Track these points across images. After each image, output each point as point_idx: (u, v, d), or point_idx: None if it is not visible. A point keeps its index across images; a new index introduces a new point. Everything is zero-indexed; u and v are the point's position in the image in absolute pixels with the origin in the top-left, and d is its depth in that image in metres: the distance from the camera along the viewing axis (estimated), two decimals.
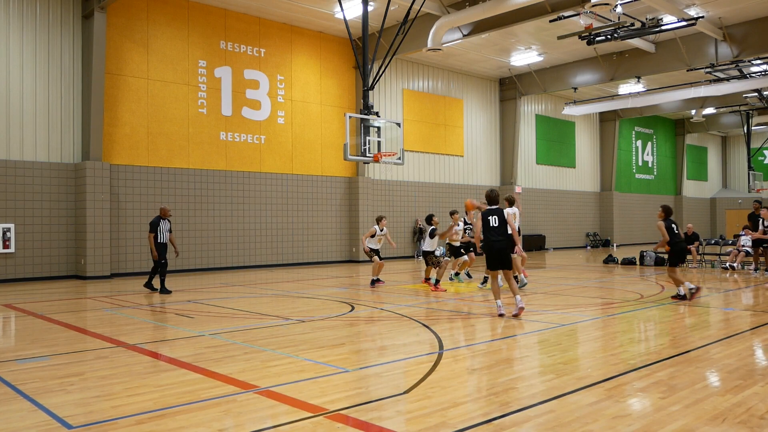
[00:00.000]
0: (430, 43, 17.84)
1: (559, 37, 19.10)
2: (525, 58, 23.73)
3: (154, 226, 12.41)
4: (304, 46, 20.57)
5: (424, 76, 24.53)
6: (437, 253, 13.39)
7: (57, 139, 15.90)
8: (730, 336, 7.49)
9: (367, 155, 14.10)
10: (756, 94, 26.69)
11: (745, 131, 33.51)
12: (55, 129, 15.87)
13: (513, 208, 12.43)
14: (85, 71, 16.11)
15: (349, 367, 6.03)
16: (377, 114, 14.41)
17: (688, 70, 22.20)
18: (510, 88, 27.26)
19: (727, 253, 18.12)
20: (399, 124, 15.16)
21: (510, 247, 12.69)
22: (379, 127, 14.46)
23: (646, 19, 18.00)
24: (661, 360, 6.16)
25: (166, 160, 17.53)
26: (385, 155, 14.06)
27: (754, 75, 23.02)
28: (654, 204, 37.02)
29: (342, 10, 15.51)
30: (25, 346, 7.30)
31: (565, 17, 17.51)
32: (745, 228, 17.06)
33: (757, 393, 4.95)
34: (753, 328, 8.08)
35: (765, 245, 15.92)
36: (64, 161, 16.00)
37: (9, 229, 15.01)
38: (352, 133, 14.16)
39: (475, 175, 26.53)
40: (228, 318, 9.34)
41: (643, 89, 27.12)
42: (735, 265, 16.64)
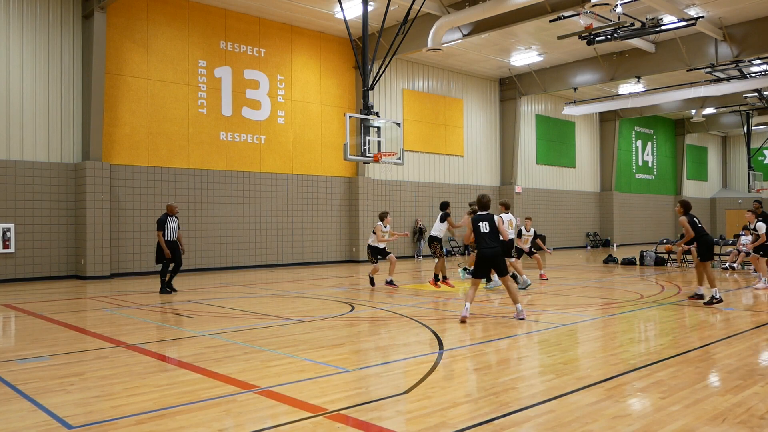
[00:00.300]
0: (430, 43, 17.84)
1: (559, 37, 19.10)
2: (525, 58, 23.73)
3: (161, 223, 12.18)
4: (304, 46, 20.57)
5: (424, 76, 24.53)
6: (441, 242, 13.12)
7: (57, 139, 15.90)
8: (730, 336, 7.49)
9: (367, 155, 14.08)
10: (756, 94, 26.68)
11: (745, 131, 33.51)
12: (55, 129, 15.87)
13: (508, 215, 12.35)
14: (85, 71, 16.11)
15: (349, 367, 6.03)
16: (377, 114, 14.40)
17: (688, 70, 22.20)
18: (510, 88, 27.26)
19: (727, 253, 18.13)
20: (399, 124, 15.15)
21: (504, 253, 12.62)
22: (379, 127, 14.45)
23: (646, 19, 17.99)
24: (661, 360, 6.16)
25: (166, 160, 17.53)
26: (385, 155, 14.04)
27: (754, 75, 23.01)
28: (654, 204, 37.06)
29: (342, 10, 15.51)
30: (25, 346, 7.30)
31: (565, 17, 17.51)
32: (744, 228, 17.06)
33: (757, 393, 4.95)
34: (753, 328, 8.08)
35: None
36: (64, 161, 16.00)
37: (9, 229, 15.02)
38: (352, 133, 14.15)
39: (475, 175, 26.54)
40: (228, 318, 9.34)
41: (643, 89, 27.11)
42: (735, 265, 16.64)
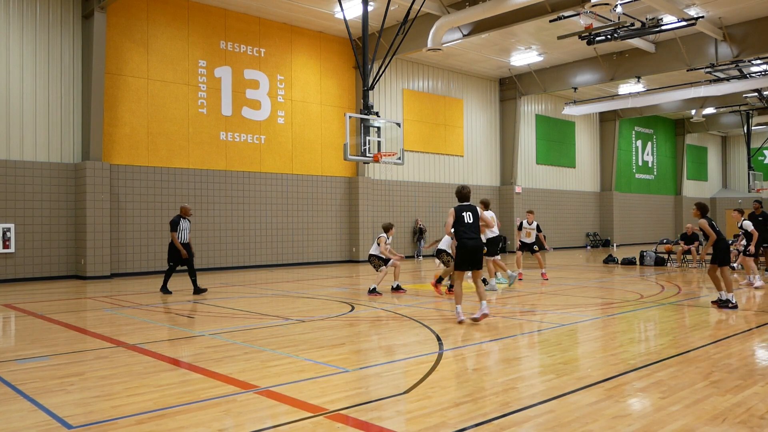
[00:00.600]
0: (430, 43, 17.84)
1: (559, 37, 19.10)
2: (525, 58, 23.73)
3: (174, 225, 12.14)
4: (304, 46, 20.57)
5: (424, 76, 24.53)
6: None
7: (57, 139, 15.90)
8: (730, 336, 7.49)
9: (367, 155, 14.08)
10: (756, 94, 26.68)
11: (745, 131, 33.51)
12: (55, 129, 15.87)
13: (489, 212, 12.31)
14: (85, 71, 16.11)
15: (349, 367, 6.02)
16: (377, 114, 14.39)
17: (688, 70, 22.20)
18: (510, 88, 27.26)
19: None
20: (399, 124, 15.15)
21: (491, 249, 12.58)
22: (379, 127, 14.45)
23: (646, 19, 17.99)
24: (661, 360, 6.16)
25: (166, 160, 17.53)
26: (385, 155, 14.04)
27: (754, 75, 23.00)
28: (654, 204, 37.06)
29: (342, 10, 15.50)
30: (25, 346, 7.30)
31: (565, 17, 17.51)
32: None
33: (757, 393, 4.95)
34: (753, 328, 8.08)
35: (765, 245, 15.91)
36: (64, 161, 16.00)
37: (9, 229, 15.02)
38: (352, 133, 14.14)
39: (475, 175, 26.54)
40: (228, 318, 9.34)
41: (643, 89, 27.11)
42: (735, 265, 16.62)
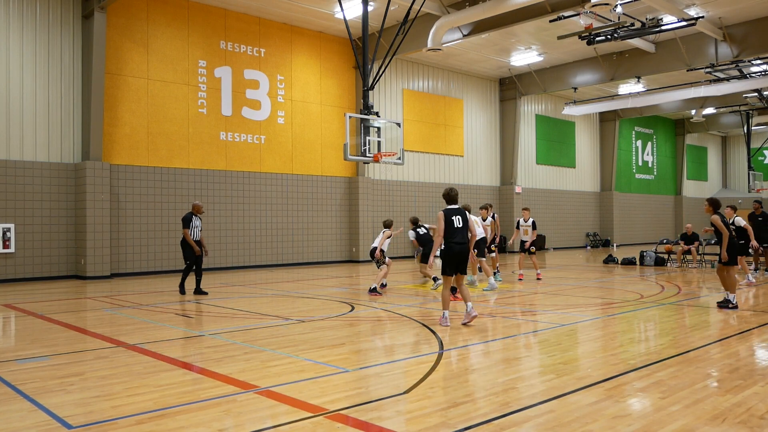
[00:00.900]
0: (430, 43, 17.84)
1: (559, 37, 19.09)
2: (525, 58, 23.73)
3: (186, 221, 12.05)
4: (304, 46, 20.57)
5: (424, 76, 24.53)
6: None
7: (57, 139, 15.90)
8: (730, 336, 7.50)
9: (367, 155, 14.08)
10: (756, 94, 26.67)
11: (745, 131, 33.50)
12: (55, 129, 15.87)
13: (473, 216, 12.31)
14: (85, 71, 16.10)
15: (349, 367, 6.03)
16: (377, 114, 14.39)
17: (688, 70, 22.20)
18: (510, 88, 27.25)
19: None
20: (399, 124, 15.15)
21: (479, 251, 12.71)
22: (379, 127, 14.45)
23: (646, 19, 17.99)
24: (661, 360, 6.16)
25: (166, 160, 17.52)
26: (385, 155, 14.04)
27: (754, 75, 23.00)
28: (654, 204, 37.05)
29: (342, 10, 15.50)
30: (25, 346, 7.30)
31: (565, 17, 17.50)
32: None
33: (757, 393, 4.95)
34: (753, 328, 8.08)
35: (765, 245, 15.91)
36: (64, 161, 16.00)
37: (9, 229, 15.01)
38: (352, 133, 14.14)
39: (475, 175, 26.54)
40: (228, 318, 9.34)
41: (643, 89, 27.11)
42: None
